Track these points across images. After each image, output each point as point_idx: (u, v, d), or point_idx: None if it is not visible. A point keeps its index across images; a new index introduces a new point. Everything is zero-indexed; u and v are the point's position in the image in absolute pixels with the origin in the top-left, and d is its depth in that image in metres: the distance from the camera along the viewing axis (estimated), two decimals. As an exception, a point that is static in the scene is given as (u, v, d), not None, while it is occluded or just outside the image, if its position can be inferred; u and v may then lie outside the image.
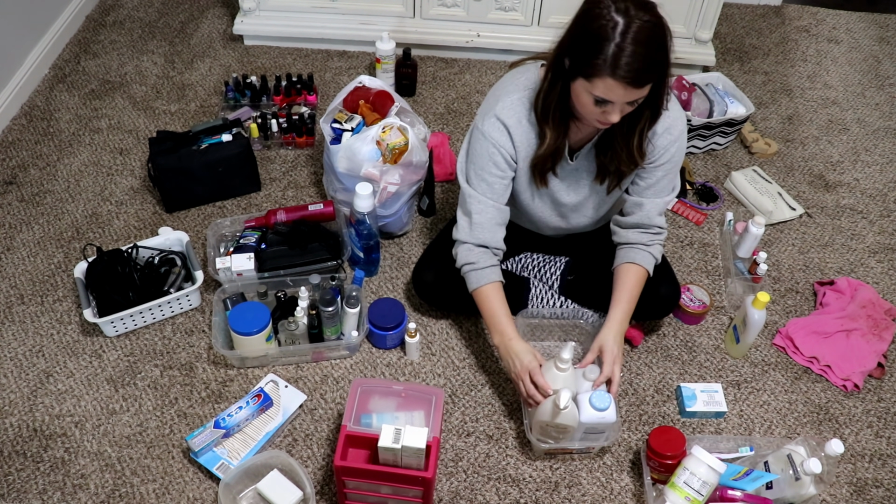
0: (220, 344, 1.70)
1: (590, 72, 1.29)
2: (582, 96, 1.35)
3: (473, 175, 1.57)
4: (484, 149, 1.53)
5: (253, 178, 2.16)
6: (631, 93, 1.30)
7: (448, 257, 1.76)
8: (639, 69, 1.26)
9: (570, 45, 1.33)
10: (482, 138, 1.53)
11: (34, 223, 2.05)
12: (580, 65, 1.31)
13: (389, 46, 2.41)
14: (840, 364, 1.81)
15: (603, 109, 1.34)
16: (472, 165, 1.57)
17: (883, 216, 2.23)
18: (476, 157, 1.55)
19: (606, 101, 1.32)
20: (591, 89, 1.31)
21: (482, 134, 1.52)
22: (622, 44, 1.24)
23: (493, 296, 1.59)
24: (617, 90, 1.29)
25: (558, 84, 1.40)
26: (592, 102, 1.33)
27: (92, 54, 2.62)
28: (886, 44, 2.92)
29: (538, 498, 1.57)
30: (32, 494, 1.53)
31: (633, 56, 1.24)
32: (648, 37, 1.25)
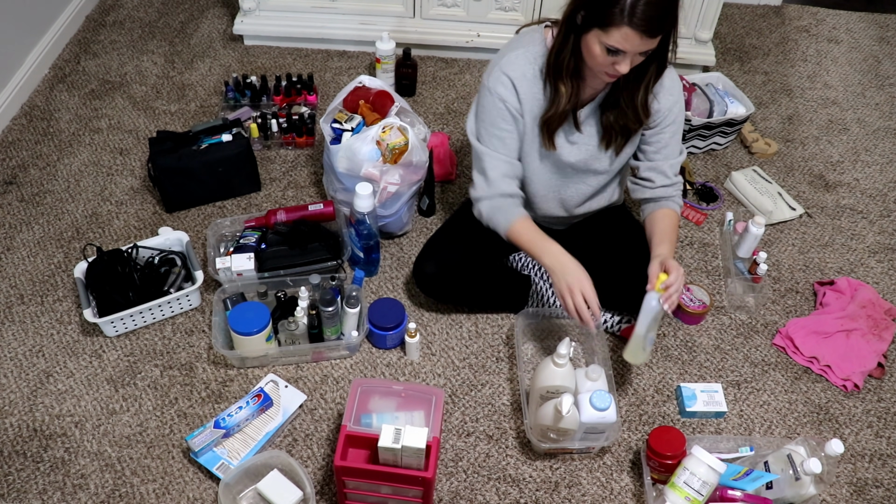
0: (220, 344, 1.70)
1: (606, 21, 1.33)
2: (594, 47, 1.38)
3: (484, 132, 1.60)
4: (492, 104, 1.56)
5: (253, 178, 2.16)
6: (645, 42, 1.34)
7: (450, 250, 1.77)
8: (653, 17, 1.31)
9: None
10: (489, 94, 1.56)
11: (34, 223, 2.05)
12: (596, 15, 1.35)
13: (389, 46, 2.41)
14: (840, 364, 1.81)
15: (614, 60, 1.38)
16: (481, 123, 1.60)
17: (883, 216, 2.23)
18: (485, 114, 1.58)
19: (619, 51, 1.36)
20: (606, 39, 1.35)
21: (488, 90, 1.56)
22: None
23: (527, 227, 1.62)
24: (632, 39, 1.33)
25: (570, 38, 1.44)
26: (605, 53, 1.38)
27: (92, 54, 2.62)
28: (886, 44, 2.92)
29: (538, 498, 1.57)
30: (32, 494, 1.53)
31: (648, 5, 1.30)
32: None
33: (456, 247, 1.79)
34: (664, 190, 1.68)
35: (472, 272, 1.79)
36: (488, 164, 1.61)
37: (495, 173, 1.61)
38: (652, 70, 1.48)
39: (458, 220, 1.87)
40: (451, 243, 1.80)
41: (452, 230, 1.85)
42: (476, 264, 1.79)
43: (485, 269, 1.82)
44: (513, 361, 1.81)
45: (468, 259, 1.78)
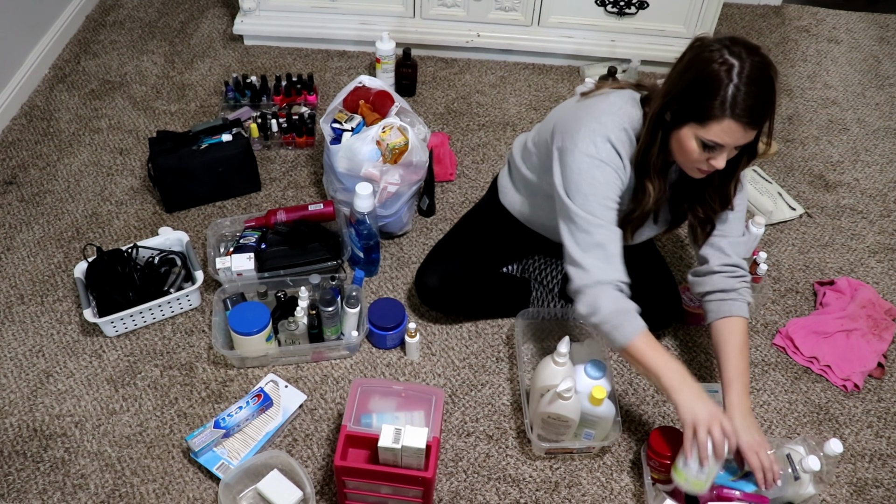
0: (220, 344, 1.70)
1: (705, 115, 1.29)
2: (689, 143, 1.33)
3: (594, 203, 1.40)
4: (603, 173, 1.40)
5: (253, 178, 2.16)
6: (747, 134, 1.30)
7: (452, 262, 1.75)
8: (755, 108, 1.27)
9: (683, 91, 1.32)
10: (599, 163, 1.39)
11: (34, 223, 2.05)
12: (692, 110, 1.30)
13: (389, 46, 2.41)
14: (840, 364, 1.81)
15: (709, 156, 1.34)
16: (588, 194, 1.40)
17: (883, 216, 2.23)
18: (594, 182, 1.40)
19: (716, 145, 1.31)
20: (705, 134, 1.30)
21: (598, 159, 1.39)
22: (739, 84, 1.25)
23: (654, 341, 1.40)
24: (735, 132, 1.29)
25: (658, 136, 1.38)
26: (701, 149, 1.33)
27: (92, 54, 2.62)
28: (886, 44, 2.92)
29: (538, 498, 1.57)
30: (32, 494, 1.53)
31: (749, 96, 1.26)
32: (761, 77, 1.27)
33: (458, 258, 1.78)
34: (727, 280, 1.53)
35: (475, 283, 1.79)
36: (606, 238, 1.40)
37: (615, 249, 1.41)
38: (744, 161, 1.42)
39: (459, 231, 1.86)
40: (453, 255, 1.79)
41: (453, 241, 1.84)
42: (478, 275, 1.79)
43: (487, 278, 1.82)
44: (513, 361, 1.81)
45: (470, 270, 1.77)
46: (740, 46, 1.28)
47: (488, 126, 2.43)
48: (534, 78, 2.63)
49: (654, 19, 2.55)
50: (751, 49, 1.29)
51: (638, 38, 2.60)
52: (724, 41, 1.30)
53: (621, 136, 1.41)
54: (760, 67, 1.27)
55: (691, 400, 1.35)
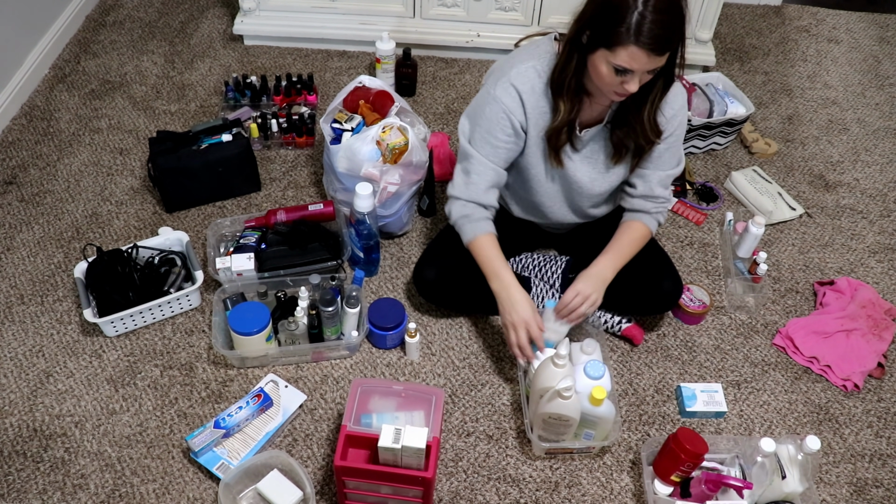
0: (220, 344, 1.70)
1: (612, 41, 1.32)
2: (601, 67, 1.37)
3: (479, 137, 1.57)
4: (494, 113, 1.53)
5: (253, 178, 2.16)
6: (653, 60, 1.33)
7: (450, 256, 1.76)
8: (660, 36, 1.30)
9: (591, 17, 1.36)
10: (493, 102, 1.53)
11: (34, 223, 2.05)
12: (602, 35, 1.34)
13: (389, 46, 2.41)
14: (840, 364, 1.81)
15: (622, 79, 1.37)
16: (478, 127, 1.57)
17: (883, 216, 2.23)
18: (484, 120, 1.55)
19: (627, 70, 1.34)
20: (613, 58, 1.34)
21: (493, 98, 1.52)
22: (644, 11, 1.28)
23: (489, 244, 1.62)
24: (640, 58, 1.32)
25: (574, 58, 1.43)
26: (612, 73, 1.36)
27: (92, 54, 2.62)
28: (886, 44, 2.92)
29: (538, 498, 1.57)
30: (32, 494, 1.53)
31: (654, 23, 1.28)
32: (669, 4, 1.30)
33: (456, 252, 1.78)
34: (642, 202, 1.67)
35: (473, 277, 1.79)
36: (474, 168, 1.60)
37: (479, 178, 1.60)
38: (658, 86, 1.46)
39: None
40: (451, 248, 1.79)
41: (452, 236, 1.84)
42: (476, 269, 1.79)
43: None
44: (513, 361, 1.81)
45: (468, 264, 1.77)
46: None
47: (488, 126, 2.43)
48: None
49: (654, 19, 2.55)
50: None
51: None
52: None
53: (526, 71, 1.50)
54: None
55: (506, 305, 1.58)
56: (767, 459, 1.47)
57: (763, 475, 1.47)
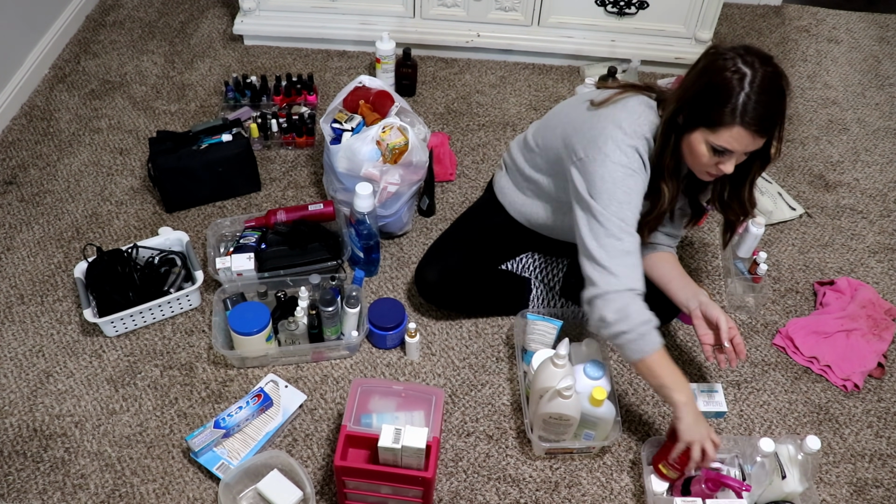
0: (220, 344, 1.70)
1: (716, 121, 1.32)
2: (699, 147, 1.37)
3: (629, 212, 1.41)
4: (636, 182, 1.42)
5: (253, 178, 2.16)
6: (755, 141, 1.33)
7: (452, 257, 1.76)
8: (764, 117, 1.31)
9: (693, 97, 1.35)
10: (633, 173, 1.41)
11: (34, 223, 2.05)
12: (703, 115, 1.33)
13: (389, 46, 2.41)
14: (840, 364, 1.81)
15: (718, 160, 1.37)
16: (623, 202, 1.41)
17: (883, 216, 2.23)
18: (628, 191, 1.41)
19: (725, 150, 1.34)
20: (715, 139, 1.34)
21: (631, 168, 1.41)
22: (750, 93, 1.29)
23: (666, 357, 1.45)
24: (743, 139, 1.32)
25: (671, 139, 1.41)
26: (710, 153, 1.36)
27: (92, 54, 2.62)
28: (886, 44, 2.92)
29: (538, 498, 1.57)
30: (32, 494, 1.53)
31: (759, 104, 1.30)
32: (773, 86, 1.32)
33: (457, 253, 1.78)
34: (665, 238, 1.68)
35: (474, 278, 1.79)
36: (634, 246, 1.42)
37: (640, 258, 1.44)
38: (756, 167, 1.46)
39: (459, 227, 1.86)
40: (453, 250, 1.80)
41: (453, 237, 1.84)
42: (478, 270, 1.79)
43: (487, 274, 1.82)
44: (513, 361, 1.81)
45: (470, 266, 1.78)
46: (753, 56, 1.32)
47: (488, 126, 2.43)
48: (534, 78, 2.63)
49: (654, 19, 2.55)
50: (764, 59, 1.32)
51: (638, 38, 2.60)
52: (739, 50, 1.33)
53: (643, 144, 1.44)
54: (772, 77, 1.31)
55: (693, 419, 1.42)
56: (767, 459, 1.47)
57: (763, 475, 1.48)
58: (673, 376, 1.44)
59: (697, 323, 1.58)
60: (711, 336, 1.58)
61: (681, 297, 1.60)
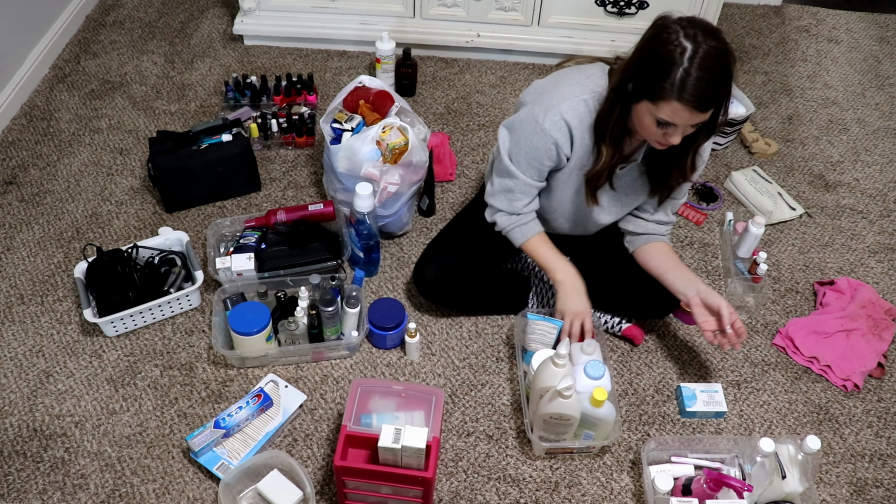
0: (220, 344, 1.70)
1: (656, 95, 1.32)
2: (645, 118, 1.38)
3: (523, 160, 1.56)
4: (542, 143, 1.51)
5: (253, 178, 2.16)
6: (696, 116, 1.33)
7: (450, 255, 1.76)
8: (704, 94, 1.29)
9: (637, 68, 1.36)
10: (542, 133, 1.50)
11: (34, 223, 2.05)
12: (646, 87, 1.34)
13: (389, 46, 2.41)
14: (840, 364, 1.81)
15: (664, 131, 1.37)
16: (523, 151, 1.55)
17: (883, 216, 2.23)
18: (530, 148, 1.53)
19: (669, 123, 1.34)
20: (656, 112, 1.34)
21: (543, 130, 1.50)
22: (689, 69, 1.28)
23: (543, 241, 1.66)
24: (682, 113, 1.32)
25: (618, 106, 1.42)
26: (655, 124, 1.37)
27: (92, 54, 2.62)
28: (886, 44, 2.92)
29: (538, 498, 1.57)
30: (32, 494, 1.53)
31: (699, 81, 1.28)
32: (715, 63, 1.29)
33: (456, 251, 1.79)
34: (655, 227, 1.69)
35: (473, 276, 1.80)
36: (518, 188, 1.60)
37: (522, 196, 1.61)
38: (701, 137, 1.46)
39: (458, 225, 1.87)
40: (452, 248, 1.80)
41: (452, 235, 1.84)
42: (476, 268, 1.79)
43: (485, 272, 1.82)
44: (513, 361, 1.81)
45: (468, 263, 1.78)
46: (697, 28, 1.29)
47: (488, 126, 2.43)
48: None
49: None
50: (708, 32, 1.29)
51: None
52: (683, 22, 1.31)
53: (578, 105, 1.48)
54: (715, 53, 1.28)
55: (568, 293, 1.63)
56: (767, 459, 1.47)
57: (763, 475, 1.48)
58: (551, 259, 1.65)
59: (697, 310, 1.62)
60: (713, 322, 1.62)
61: (678, 285, 1.64)
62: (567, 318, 1.64)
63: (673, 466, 1.57)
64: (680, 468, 1.57)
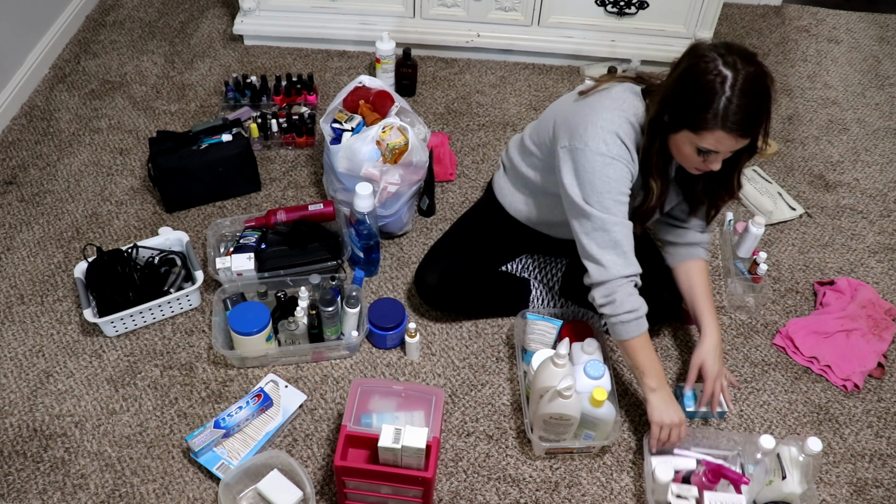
0: (220, 344, 1.70)
1: (699, 125, 1.32)
2: (685, 147, 1.37)
3: (609, 200, 1.44)
4: (617, 171, 1.43)
5: (253, 178, 2.16)
6: (739, 143, 1.33)
7: (452, 260, 1.76)
8: (748, 121, 1.30)
9: (676, 99, 1.35)
10: (613, 160, 1.42)
11: (34, 223, 2.06)
12: (687, 118, 1.33)
13: (389, 46, 2.41)
14: (840, 364, 1.81)
15: (704, 159, 1.37)
16: (605, 194, 1.44)
17: (883, 216, 2.23)
18: (607, 180, 1.43)
19: (711, 150, 1.35)
20: (699, 141, 1.34)
21: (612, 157, 1.42)
22: (732, 97, 1.28)
23: (647, 344, 1.53)
24: (726, 142, 1.32)
25: (657, 139, 1.41)
26: (696, 153, 1.37)
27: (92, 54, 2.62)
28: (886, 44, 2.92)
29: (538, 498, 1.57)
30: (32, 494, 1.53)
31: (741, 107, 1.28)
32: (756, 88, 1.29)
33: (457, 256, 1.78)
34: (698, 236, 1.68)
35: (474, 281, 1.79)
36: (621, 234, 1.45)
37: (629, 244, 1.47)
38: (744, 158, 1.45)
39: (459, 229, 1.86)
40: (452, 252, 1.79)
41: (453, 240, 1.84)
42: (477, 272, 1.79)
43: (486, 276, 1.82)
44: (513, 361, 1.81)
45: (470, 268, 1.78)
46: (735, 55, 1.29)
47: (488, 126, 2.43)
48: (534, 78, 2.63)
49: (654, 19, 2.55)
50: (746, 58, 1.30)
51: (638, 38, 2.60)
52: (720, 49, 1.30)
53: (627, 129, 1.44)
54: (754, 79, 1.29)
55: (658, 404, 1.52)
56: (768, 457, 1.47)
57: (762, 473, 1.48)
58: (648, 362, 1.53)
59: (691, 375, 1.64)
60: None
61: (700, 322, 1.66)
62: (663, 429, 1.52)
63: (675, 459, 1.57)
64: (682, 461, 1.57)
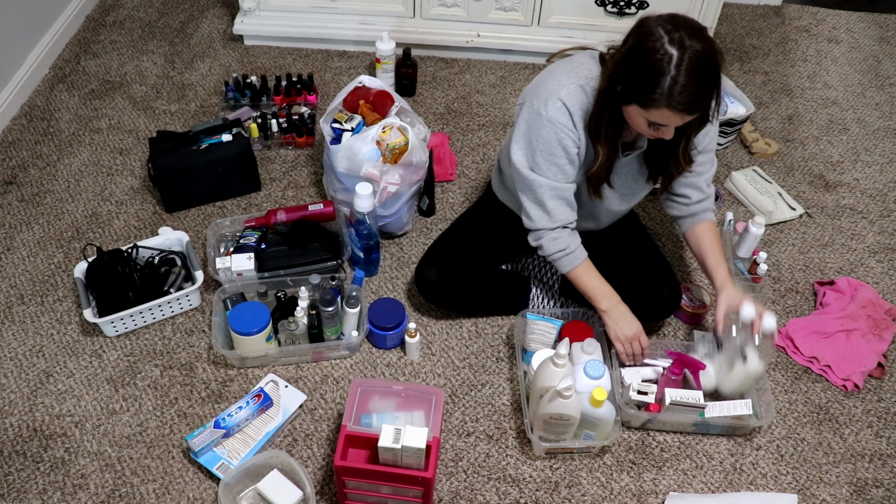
0: (220, 344, 1.70)
1: (646, 102, 1.33)
2: (636, 119, 1.39)
3: (541, 161, 1.52)
4: (552, 133, 1.49)
5: (253, 178, 2.16)
6: (686, 118, 1.35)
7: (452, 256, 1.76)
8: (693, 99, 1.31)
9: (624, 75, 1.36)
10: (548, 124, 1.48)
11: (34, 223, 2.06)
12: (635, 94, 1.34)
13: (389, 46, 2.41)
14: (840, 364, 1.81)
15: (656, 129, 1.39)
16: (537, 152, 1.52)
17: (883, 216, 2.23)
18: (542, 143, 1.50)
19: (661, 124, 1.36)
20: (647, 116, 1.35)
21: (548, 119, 1.48)
22: (677, 76, 1.28)
23: (590, 270, 1.66)
24: (673, 118, 1.34)
25: (609, 107, 1.42)
26: (646, 124, 1.38)
27: (92, 54, 2.62)
28: (886, 44, 2.92)
29: (538, 498, 1.57)
30: (32, 494, 1.53)
31: (688, 87, 1.29)
32: (702, 66, 1.29)
33: (458, 253, 1.79)
34: (700, 205, 1.69)
35: (474, 277, 1.79)
36: (546, 194, 1.56)
37: (555, 203, 1.57)
38: (693, 125, 1.46)
39: (460, 226, 1.87)
40: (453, 249, 1.80)
41: (454, 236, 1.84)
42: (477, 269, 1.79)
43: (486, 274, 1.82)
44: (513, 361, 1.81)
45: (470, 264, 1.78)
46: (682, 31, 1.28)
47: (488, 126, 2.43)
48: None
49: (654, 19, 2.55)
50: (692, 32, 1.29)
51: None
52: (667, 25, 1.30)
53: (575, 92, 1.47)
54: (701, 57, 1.28)
55: (618, 320, 1.64)
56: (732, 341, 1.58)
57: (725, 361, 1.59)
58: (594, 287, 1.65)
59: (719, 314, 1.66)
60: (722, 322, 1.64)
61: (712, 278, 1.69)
62: (623, 344, 1.65)
63: (643, 369, 1.66)
64: (650, 371, 1.67)
